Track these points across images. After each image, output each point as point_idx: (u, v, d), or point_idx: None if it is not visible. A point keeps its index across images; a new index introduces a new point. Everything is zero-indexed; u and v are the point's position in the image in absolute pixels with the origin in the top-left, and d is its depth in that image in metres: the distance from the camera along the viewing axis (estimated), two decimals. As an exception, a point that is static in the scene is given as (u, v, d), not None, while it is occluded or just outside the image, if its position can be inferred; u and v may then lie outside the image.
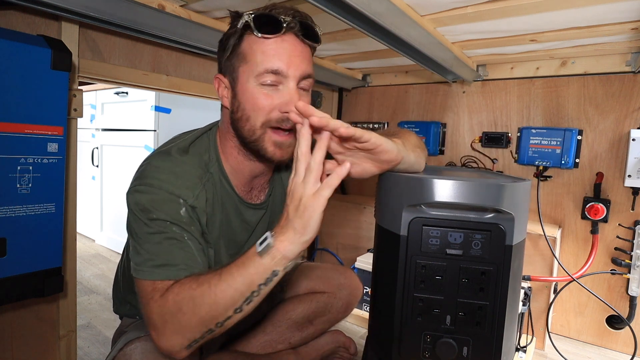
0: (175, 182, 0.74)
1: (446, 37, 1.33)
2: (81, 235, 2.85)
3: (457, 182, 0.65)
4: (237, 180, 0.85)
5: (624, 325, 1.45)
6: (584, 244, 1.54)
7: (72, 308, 1.15)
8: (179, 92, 1.44)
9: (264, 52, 0.73)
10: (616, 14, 1.07)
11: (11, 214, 0.87)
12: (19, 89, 0.85)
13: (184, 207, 0.74)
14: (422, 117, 1.93)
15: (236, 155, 0.82)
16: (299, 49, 0.75)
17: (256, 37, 0.73)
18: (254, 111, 0.75)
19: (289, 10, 0.75)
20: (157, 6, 1.08)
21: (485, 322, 0.67)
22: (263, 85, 0.74)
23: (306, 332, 1.10)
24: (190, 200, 0.75)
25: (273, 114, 0.74)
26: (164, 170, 0.75)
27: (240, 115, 0.77)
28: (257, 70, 0.73)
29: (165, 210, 0.72)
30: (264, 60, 0.73)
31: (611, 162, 1.47)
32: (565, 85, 1.56)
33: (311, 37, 0.77)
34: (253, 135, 0.76)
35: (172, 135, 0.89)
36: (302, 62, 0.75)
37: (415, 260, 0.69)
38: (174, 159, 0.77)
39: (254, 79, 0.74)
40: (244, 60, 0.75)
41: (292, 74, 0.74)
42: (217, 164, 0.83)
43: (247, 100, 0.75)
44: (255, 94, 0.74)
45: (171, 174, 0.75)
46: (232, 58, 0.77)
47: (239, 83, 0.76)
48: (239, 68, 0.76)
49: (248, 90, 0.75)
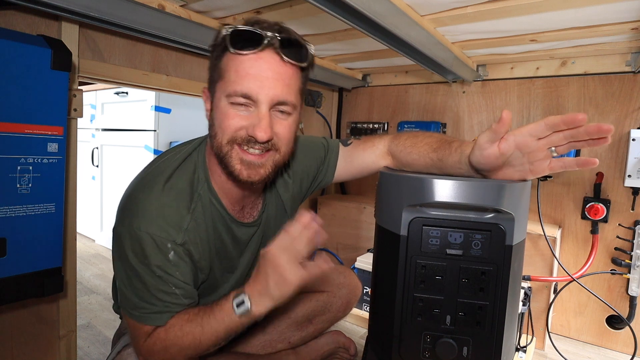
0: (163, 224, 0.72)
1: (446, 37, 1.33)
2: (81, 235, 2.85)
3: (457, 182, 0.65)
4: (227, 199, 0.82)
5: (624, 325, 1.45)
6: (584, 244, 1.54)
7: (72, 308, 1.15)
8: (179, 92, 1.43)
9: (237, 70, 0.69)
10: (616, 14, 1.07)
11: (11, 214, 0.87)
12: (19, 89, 0.85)
13: (172, 251, 0.73)
14: (422, 117, 1.93)
15: (220, 174, 0.79)
16: (275, 69, 0.69)
17: (237, 54, 0.69)
18: (221, 129, 0.72)
19: (274, 25, 0.70)
20: (157, 6, 1.08)
21: (485, 322, 0.67)
22: (234, 105, 0.70)
23: (306, 331, 1.10)
24: (179, 239, 0.73)
25: (240, 133, 0.71)
26: (151, 208, 0.72)
27: (212, 131, 0.75)
28: (229, 90, 0.70)
29: (153, 257, 0.71)
30: (235, 81, 0.69)
31: (611, 162, 1.47)
32: (565, 85, 1.56)
33: (295, 56, 0.71)
34: (221, 152, 0.73)
35: (171, 135, 0.88)
36: (276, 85, 0.69)
37: (415, 260, 0.69)
38: (160, 193, 0.74)
39: (226, 98, 0.70)
40: (220, 76, 0.72)
41: (263, 99, 0.69)
42: (207, 184, 0.80)
43: (217, 117, 0.73)
44: (225, 111, 0.71)
45: (158, 213, 0.72)
46: (213, 72, 0.75)
47: (214, 98, 0.74)
48: (217, 83, 0.73)
49: (220, 107, 0.72)
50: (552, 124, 0.63)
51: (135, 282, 0.73)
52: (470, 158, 0.70)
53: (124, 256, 0.72)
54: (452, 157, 0.75)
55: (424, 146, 0.82)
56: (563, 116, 0.62)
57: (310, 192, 1.02)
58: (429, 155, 0.80)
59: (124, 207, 0.75)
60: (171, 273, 0.73)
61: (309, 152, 0.97)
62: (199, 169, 0.81)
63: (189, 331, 0.72)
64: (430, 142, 0.82)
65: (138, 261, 0.71)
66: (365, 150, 0.95)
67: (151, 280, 0.72)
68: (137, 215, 0.72)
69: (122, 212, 0.74)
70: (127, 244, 0.72)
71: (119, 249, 0.73)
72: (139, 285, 0.72)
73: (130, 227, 0.71)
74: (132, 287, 0.73)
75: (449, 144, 0.77)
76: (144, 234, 0.71)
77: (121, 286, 0.74)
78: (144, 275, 0.72)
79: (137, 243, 0.71)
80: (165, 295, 0.73)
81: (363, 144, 0.96)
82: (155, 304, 0.73)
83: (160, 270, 0.72)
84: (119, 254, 0.74)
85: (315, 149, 0.98)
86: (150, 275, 0.72)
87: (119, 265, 0.74)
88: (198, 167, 0.81)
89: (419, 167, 0.83)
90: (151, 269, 0.71)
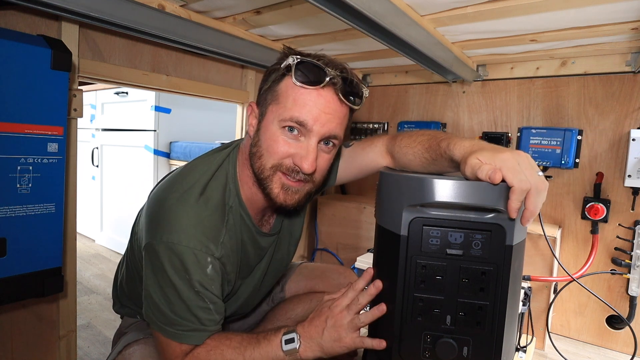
0: (202, 238, 0.72)
1: (446, 37, 1.33)
2: (81, 235, 2.85)
3: (457, 182, 0.65)
4: (253, 211, 0.83)
5: (624, 325, 1.45)
6: (584, 244, 1.54)
7: (72, 308, 1.15)
8: (179, 92, 1.44)
9: (295, 99, 0.71)
10: (616, 14, 1.07)
11: (11, 214, 0.87)
12: (19, 89, 0.85)
13: (210, 265, 0.73)
14: (422, 117, 1.93)
15: (251, 186, 0.80)
16: (332, 107, 0.72)
17: (298, 84, 0.71)
18: (268, 152, 0.73)
19: (338, 64, 0.72)
20: (157, 6, 1.08)
21: (485, 322, 0.67)
22: (285, 131, 0.72)
23: (306, 331, 1.10)
24: (217, 253, 0.74)
25: (286, 161, 0.73)
26: (190, 218, 0.72)
27: (256, 150, 0.75)
28: (284, 115, 0.71)
29: (194, 272, 0.71)
30: (293, 108, 0.71)
31: (611, 162, 1.47)
32: (565, 85, 1.56)
33: (352, 98, 0.75)
34: (262, 174, 0.75)
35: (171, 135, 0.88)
36: (331, 121, 0.72)
37: (416, 260, 0.69)
38: (197, 206, 0.74)
39: (278, 122, 0.72)
40: (276, 100, 0.73)
41: (317, 130, 0.71)
42: (237, 196, 0.81)
43: (266, 139, 0.74)
44: (275, 136, 0.72)
45: (197, 223, 0.72)
46: (268, 93, 0.75)
47: (265, 119, 0.75)
48: (269, 105, 0.74)
49: (270, 130, 0.73)
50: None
51: (172, 298, 0.71)
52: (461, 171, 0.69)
53: (161, 271, 0.71)
54: (442, 159, 0.75)
55: (417, 146, 0.82)
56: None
57: (315, 195, 1.03)
58: (424, 156, 0.80)
59: (158, 220, 0.73)
60: (208, 288, 0.73)
61: None
62: (230, 180, 0.81)
63: (231, 358, 0.72)
64: (422, 142, 0.81)
65: (178, 277, 0.70)
66: (365, 149, 0.95)
67: (190, 295, 0.71)
68: (175, 229, 0.71)
69: (157, 226, 0.73)
70: (165, 259, 0.70)
71: (155, 263, 0.72)
72: (177, 302, 0.71)
73: (169, 242, 0.70)
74: (169, 303, 0.72)
75: (438, 145, 0.77)
76: (185, 248, 0.70)
77: (156, 301, 0.73)
78: (184, 290, 0.71)
79: (176, 258, 0.70)
80: (202, 311, 0.73)
81: (363, 143, 0.97)
82: (193, 321, 0.72)
83: (200, 286, 0.71)
84: (156, 269, 0.72)
85: None
86: (189, 291, 0.71)
87: (154, 280, 0.72)
88: (229, 178, 0.81)
89: (415, 167, 0.83)
90: (191, 284, 0.71)
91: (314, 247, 2.06)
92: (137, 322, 0.95)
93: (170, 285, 0.71)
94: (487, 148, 0.66)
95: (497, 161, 0.62)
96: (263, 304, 1.13)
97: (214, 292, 0.74)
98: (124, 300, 0.96)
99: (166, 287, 0.71)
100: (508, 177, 0.60)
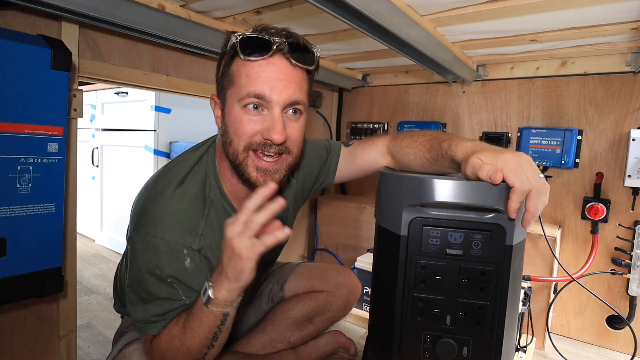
0: (178, 228, 0.73)
1: (446, 37, 1.33)
2: (81, 235, 2.85)
3: (457, 182, 0.65)
4: (236, 201, 0.83)
5: (624, 325, 1.45)
6: (584, 244, 1.54)
7: (72, 308, 1.15)
8: (179, 92, 1.43)
9: (248, 75, 0.71)
10: (616, 14, 1.07)
11: (11, 214, 0.87)
12: (19, 89, 0.85)
13: (188, 258, 0.73)
14: (422, 117, 1.93)
15: (230, 178, 0.80)
16: (286, 73, 0.72)
17: (247, 60, 0.70)
18: (236, 135, 0.73)
19: (281, 31, 0.72)
20: (157, 6, 1.08)
21: (485, 322, 0.67)
22: (247, 109, 0.72)
23: (306, 331, 1.10)
24: (195, 245, 0.74)
25: (255, 138, 0.72)
26: (166, 211, 0.73)
27: (226, 138, 0.75)
28: (241, 94, 0.71)
29: (166, 266, 0.71)
30: (247, 84, 0.70)
31: (611, 162, 1.47)
32: (565, 85, 1.56)
33: (303, 60, 0.74)
34: (237, 159, 0.74)
35: (171, 135, 0.88)
36: (288, 86, 0.72)
37: (416, 260, 0.69)
38: (173, 199, 0.75)
39: (238, 103, 0.72)
40: (231, 83, 0.73)
41: (276, 99, 0.71)
42: (218, 189, 0.81)
43: (231, 123, 0.74)
44: (239, 117, 0.72)
45: (173, 215, 0.73)
46: (223, 79, 0.76)
47: (226, 105, 0.75)
48: (227, 90, 0.74)
49: (232, 114, 0.73)
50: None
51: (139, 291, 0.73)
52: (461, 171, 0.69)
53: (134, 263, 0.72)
54: (443, 160, 0.75)
55: (418, 146, 0.82)
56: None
57: (313, 192, 1.03)
58: (424, 156, 0.80)
59: (138, 215, 0.75)
60: (186, 282, 0.73)
61: (312, 153, 0.98)
62: (210, 174, 0.81)
63: (175, 336, 0.71)
64: (424, 142, 0.81)
65: (147, 269, 0.71)
66: (365, 149, 0.95)
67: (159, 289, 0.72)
68: (151, 222, 0.72)
69: (136, 220, 0.74)
70: (139, 251, 0.71)
71: (131, 255, 0.73)
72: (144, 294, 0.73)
73: (145, 235, 0.71)
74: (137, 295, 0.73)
75: (439, 145, 0.77)
76: (160, 240, 0.71)
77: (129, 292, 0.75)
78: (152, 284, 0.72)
79: (150, 251, 0.71)
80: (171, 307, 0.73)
81: (363, 143, 0.97)
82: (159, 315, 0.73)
83: (173, 279, 0.72)
84: (132, 260, 0.73)
85: (317, 150, 0.99)
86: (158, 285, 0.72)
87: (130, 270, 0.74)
88: (209, 172, 0.81)
89: (416, 167, 0.83)
90: (161, 277, 0.71)
91: (314, 247, 2.06)
92: (137, 322, 0.95)
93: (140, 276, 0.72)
94: (489, 149, 0.67)
95: (499, 162, 0.62)
96: (263, 303, 1.13)
97: (194, 288, 0.74)
98: (123, 299, 0.96)
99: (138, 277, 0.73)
100: (509, 177, 0.60)
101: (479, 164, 0.63)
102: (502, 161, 0.62)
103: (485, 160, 0.63)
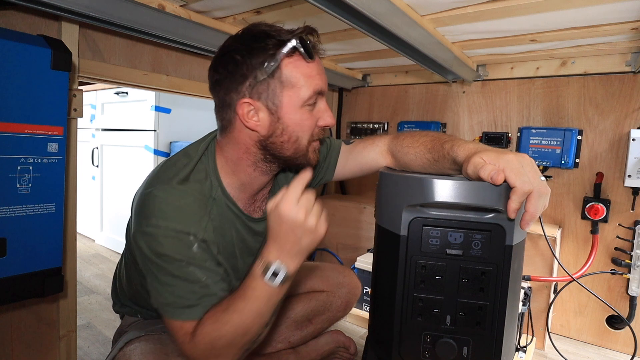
0: (182, 218, 0.72)
1: (446, 37, 1.33)
2: (81, 235, 2.85)
3: (457, 182, 0.65)
4: (241, 201, 0.84)
5: (624, 325, 1.45)
6: (584, 244, 1.54)
7: (72, 308, 1.15)
8: (179, 92, 1.44)
9: (305, 74, 0.75)
10: (616, 14, 1.07)
11: (11, 214, 0.87)
12: (19, 89, 0.85)
13: (195, 243, 0.73)
14: (422, 117, 1.93)
15: (251, 172, 0.81)
16: (322, 66, 0.79)
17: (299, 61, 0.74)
18: (303, 132, 0.77)
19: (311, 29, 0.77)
20: (157, 6, 1.08)
21: (485, 322, 0.67)
22: (308, 107, 0.77)
23: (306, 330, 1.10)
24: (200, 234, 0.74)
25: (315, 131, 0.79)
26: (169, 204, 0.73)
27: (287, 137, 0.77)
28: (306, 94, 0.75)
29: (178, 251, 0.71)
30: (309, 84, 0.75)
31: (611, 162, 1.47)
32: (565, 85, 1.56)
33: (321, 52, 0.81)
34: (299, 153, 0.79)
35: (171, 135, 0.88)
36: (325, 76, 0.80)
37: (415, 260, 0.69)
38: (176, 191, 0.74)
39: (304, 102, 0.75)
40: (288, 85, 0.74)
41: (324, 89, 0.78)
42: (220, 189, 0.81)
43: (296, 123, 0.76)
44: (305, 116, 0.77)
45: (177, 208, 0.73)
46: (271, 83, 0.74)
47: (283, 107, 0.75)
48: (282, 93, 0.74)
49: (298, 113, 0.76)
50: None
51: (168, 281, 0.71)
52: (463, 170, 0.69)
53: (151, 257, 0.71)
54: (445, 160, 0.75)
55: (419, 146, 0.82)
56: None
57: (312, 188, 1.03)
58: (425, 156, 0.81)
59: (140, 211, 0.74)
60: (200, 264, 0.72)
61: None
62: (211, 174, 0.81)
63: (227, 320, 0.69)
64: (425, 142, 0.82)
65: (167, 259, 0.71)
66: (366, 147, 0.95)
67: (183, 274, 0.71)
68: (155, 215, 0.71)
69: (139, 217, 0.73)
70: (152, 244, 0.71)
71: (140, 251, 0.72)
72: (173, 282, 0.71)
73: (148, 227, 0.71)
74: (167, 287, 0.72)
75: (441, 146, 0.77)
76: (163, 229, 0.70)
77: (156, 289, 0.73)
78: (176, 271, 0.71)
79: (155, 240, 0.70)
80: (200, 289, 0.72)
81: (364, 142, 0.97)
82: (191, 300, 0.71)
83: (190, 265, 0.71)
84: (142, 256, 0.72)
85: None
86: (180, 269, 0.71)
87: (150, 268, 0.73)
88: (209, 173, 0.81)
89: (417, 167, 0.83)
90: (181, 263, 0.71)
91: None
92: (137, 321, 0.95)
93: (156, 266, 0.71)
94: (492, 150, 0.67)
95: (501, 162, 0.62)
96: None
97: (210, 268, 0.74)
98: (123, 299, 0.96)
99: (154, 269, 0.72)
100: (511, 178, 0.61)
101: (481, 163, 0.63)
102: (504, 161, 0.62)
103: (487, 160, 0.63)
